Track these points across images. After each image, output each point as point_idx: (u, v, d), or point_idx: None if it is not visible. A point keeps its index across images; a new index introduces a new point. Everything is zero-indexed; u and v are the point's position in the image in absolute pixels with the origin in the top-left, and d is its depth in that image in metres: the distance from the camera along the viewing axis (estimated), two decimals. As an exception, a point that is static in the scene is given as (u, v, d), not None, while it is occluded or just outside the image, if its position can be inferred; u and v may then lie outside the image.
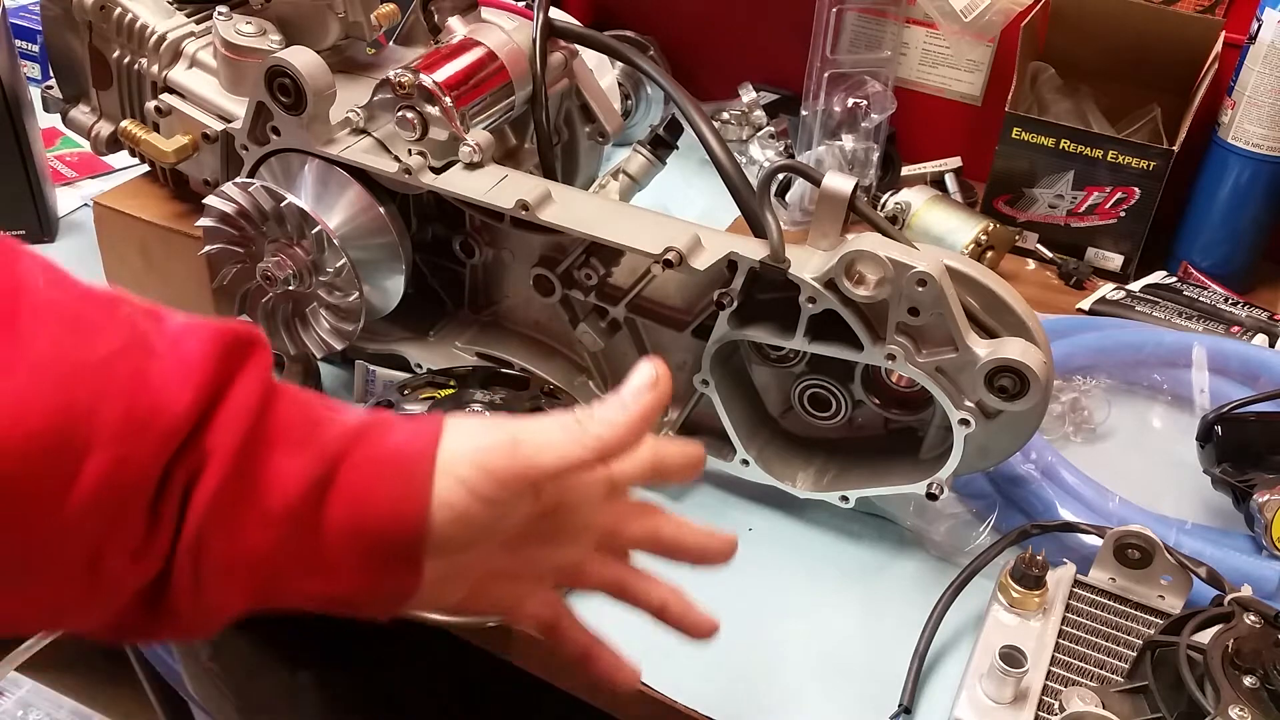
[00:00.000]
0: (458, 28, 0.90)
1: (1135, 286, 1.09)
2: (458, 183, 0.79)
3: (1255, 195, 1.08)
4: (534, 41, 0.85)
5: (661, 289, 0.82)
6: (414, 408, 0.76)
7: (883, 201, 1.14)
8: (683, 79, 0.86)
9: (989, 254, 1.09)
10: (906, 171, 1.25)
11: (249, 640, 1.17)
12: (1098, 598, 0.71)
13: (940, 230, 1.10)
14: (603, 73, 1.14)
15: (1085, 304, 1.07)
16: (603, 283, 0.83)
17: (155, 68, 0.91)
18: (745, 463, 0.81)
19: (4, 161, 1.03)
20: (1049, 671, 0.66)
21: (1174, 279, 1.11)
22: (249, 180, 0.81)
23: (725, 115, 1.26)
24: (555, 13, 0.88)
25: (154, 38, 0.90)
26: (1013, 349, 0.68)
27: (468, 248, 0.88)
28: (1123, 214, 1.11)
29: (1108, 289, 1.09)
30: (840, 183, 0.70)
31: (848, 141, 1.18)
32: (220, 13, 0.88)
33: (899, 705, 0.68)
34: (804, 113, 1.19)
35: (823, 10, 1.16)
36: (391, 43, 0.95)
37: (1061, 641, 0.68)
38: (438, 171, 0.79)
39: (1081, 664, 0.67)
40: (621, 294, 0.82)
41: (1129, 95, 1.17)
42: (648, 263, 0.75)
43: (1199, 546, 0.74)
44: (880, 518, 0.82)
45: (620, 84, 1.25)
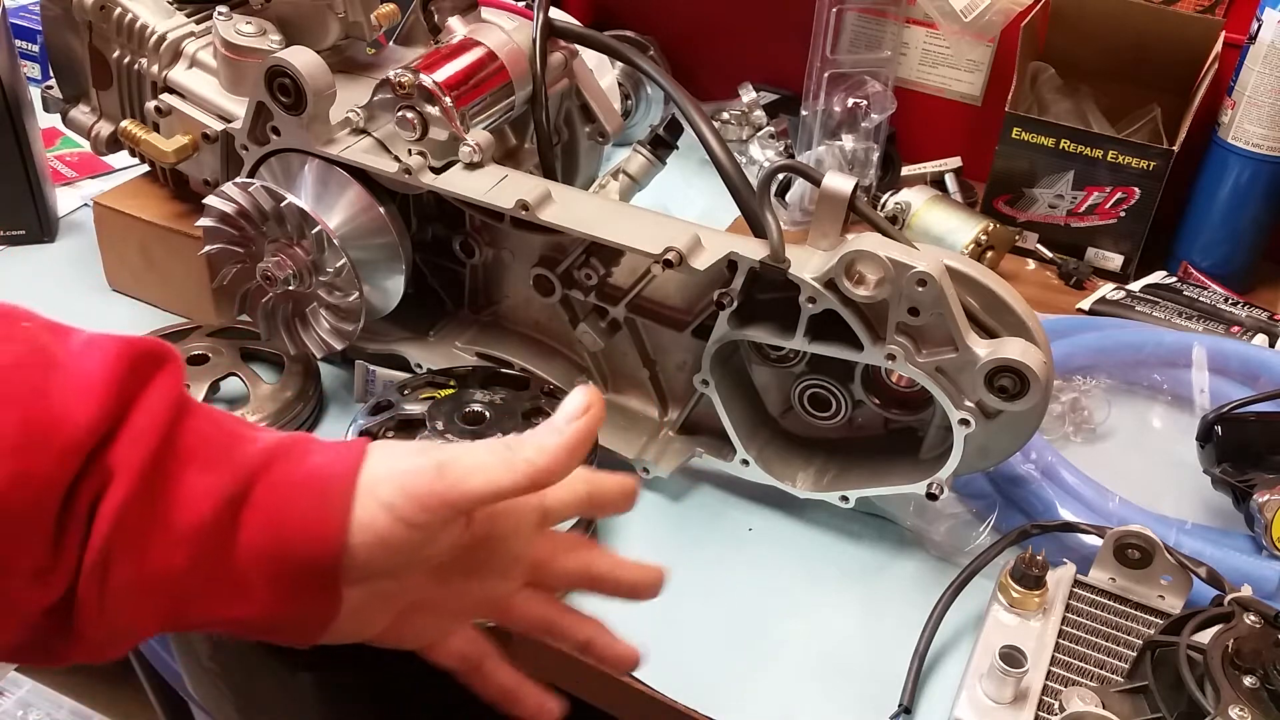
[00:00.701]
0: (458, 28, 0.90)
1: (1135, 286, 1.09)
2: (458, 183, 0.79)
3: (1255, 195, 1.08)
4: (534, 41, 0.85)
5: (661, 289, 0.82)
6: (414, 408, 0.76)
7: (883, 201, 1.14)
8: (683, 79, 0.86)
9: (989, 254, 1.09)
10: (906, 171, 1.25)
11: (249, 640, 1.17)
12: (1098, 598, 0.71)
13: (940, 230, 1.10)
14: (603, 73, 1.14)
15: (1085, 304, 1.07)
16: (603, 283, 0.83)
17: (155, 68, 0.91)
18: (745, 463, 0.81)
19: (4, 161, 1.03)
20: (1049, 671, 0.66)
21: (1174, 279, 1.11)
22: (249, 180, 0.81)
23: (725, 115, 1.26)
24: (555, 13, 0.88)
25: (154, 38, 0.90)
26: (1013, 349, 0.68)
27: (468, 248, 0.88)
28: (1123, 214, 1.11)
29: (1108, 289, 1.09)
30: (840, 183, 0.70)
31: (848, 141, 1.18)
32: (220, 13, 0.88)
33: (899, 705, 0.68)
34: (804, 113, 1.19)
35: (823, 10, 1.16)
36: (391, 43, 0.95)
37: (1061, 641, 0.68)
38: (438, 171, 0.79)
39: (1081, 664, 0.67)
40: (621, 294, 0.82)
41: (1129, 95, 1.17)
42: (648, 263, 0.75)
43: (1199, 546, 0.74)
44: (880, 518, 0.82)
45: (620, 84, 1.25)
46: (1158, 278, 1.11)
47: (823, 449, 0.82)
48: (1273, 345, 0.99)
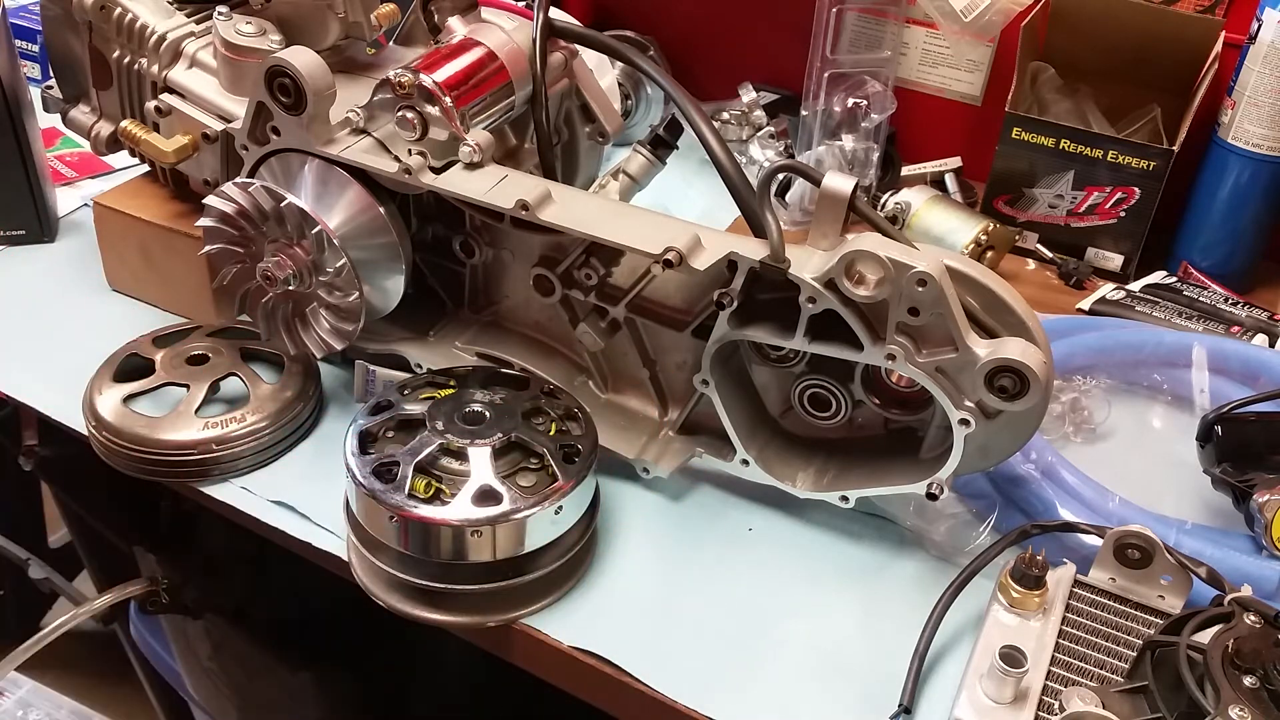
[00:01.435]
0: (458, 28, 0.90)
1: (1135, 286, 1.09)
2: (458, 183, 0.79)
3: (1255, 195, 1.08)
4: (534, 41, 0.85)
5: (661, 289, 0.82)
6: (414, 408, 0.76)
7: (883, 201, 1.14)
8: (683, 79, 0.86)
9: (989, 254, 1.09)
10: (906, 171, 1.25)
11: (249, 640, 1.17)
12: (1098, 598, 0.71)
13: (940, 230, 1.10)
14: (603, 73, 1.14)
15: (1085, 304, 1.07)
16: (603, 283, 0.83)
17: (155, 68, 0.91)
18: (745, 463, 0.81)
19: (4, 161, 1.03)
20: (1049, 671, 0.66)
21: (1174, 279, 1.11)
22: (249, 180, 0.81)
23: (725, 115, 1.26)
24: (555, 13, 0.88)
25: (154, 38, 0.90)
26: (1013, 349, 0.68)
27: (468, 248, 0.88)
28: (1123, 214, 1.11)
29: (1108, 289, 1.09)
30: (840, 183, 0.70)
31: (848, 141, 1.18)
32: (220, 13, 0.88)
33: (899, 705, 0.68)
34: (804, 113, 1.20)
35: (823, 10, 1.17)
36: (391, 43, 0.95)
37: (1061, 641, 0.68)
38: (438, 171, 0.79)
39: (1081, 664, 0.67)
40: (621, 294, 0.82)
41: (1129, 95, 1.17)
42: (648, 263, 0.75)
43: (1199, 546, 0.74)
44: (880, 518, 0.82)
45: (620, 84, 1.25)
46: (1158, 278, 1.11)
47: (823, 449, 0.82)
48: (1273, 345, 0.99)
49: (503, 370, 0.84)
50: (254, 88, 0.79)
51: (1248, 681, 0.59)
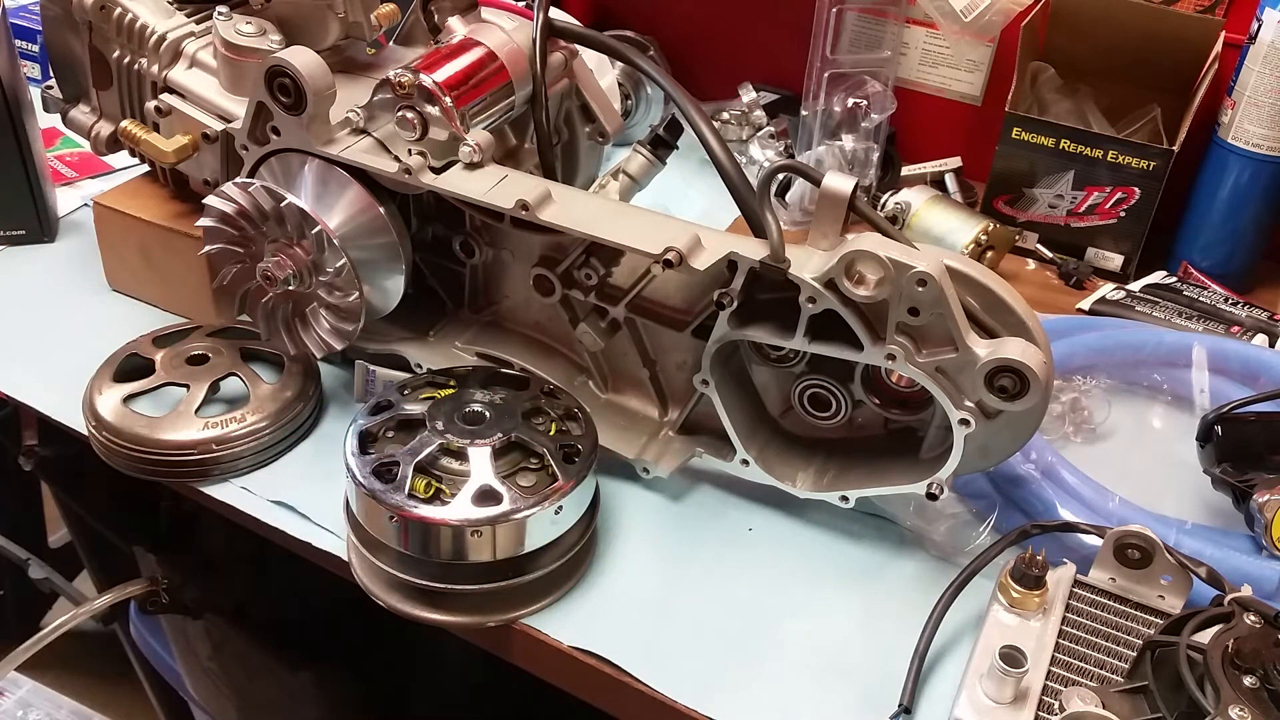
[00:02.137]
0: (458, 28, 0.90)
1: (1135, 286, 1.09)
2: (458, 183, 0.79)
3: (1255, 195, 1.08)
4: (534, 41, 0.85)
5: (661, 289, 0.82)
6: (414, 408, 0.76)
7: (883, 201, 1.14)
8: (683, 79, 0.86)
9: (989, 254, 1.09)
10: (906, 171, 1.25)
11: (249, 640, 1.17)
12: (1098, 598, 0.71)
13: (940, 230, 1.10)
14: (603, 73, 1.14)
15: (1085, 304, 1.07)
16: (603, 283, 0.83)
17: (155, 68, 0.91)
18: (745, 463, 0.81)
19: (4, 161, 1.03)
20: (1049, 671, 0.66)
21: (1174, 279, 1.11)
22: (249, 180, 0.81)
23: (725, 115, 1.26)
24: (555, 13, 0.88)
25: (154, 38, 0.90)
26: (1013, 349, 0.68)
27: (468, 248, 0.88)
28: (1123, 214, 1.11)
29: (1108, 289, 1.09)
30: (840, 183, 0.70)
31: (848, 141, 1.18)
32: (220, 13, 0.88)
33: (899, 705, 0.68)
34: (804, 113, 1.20)
35: (823, 10, 1.17)
36: (391, 43, 0.95)
37: (1061, 641, 0.68)
38: (438, 171, 0.79)
39: (1081, 664, 0.67)
40: (621, 294, 0.82)
41: (1129, 95, 1.17)
42: (648, 263, 0.75)
43: (1199, 546, 0.74)
44: (880, 518, 0.82)
45: (620, 84, 1.25)
46: (1158, 278, 1.11)
47: (823, 449, 0.82)
48: (1273, 345, 0.99)
49: (503, 370, 0.83)
50: (254, 88, 0.79)
51: (1248, 681, 0.59)
